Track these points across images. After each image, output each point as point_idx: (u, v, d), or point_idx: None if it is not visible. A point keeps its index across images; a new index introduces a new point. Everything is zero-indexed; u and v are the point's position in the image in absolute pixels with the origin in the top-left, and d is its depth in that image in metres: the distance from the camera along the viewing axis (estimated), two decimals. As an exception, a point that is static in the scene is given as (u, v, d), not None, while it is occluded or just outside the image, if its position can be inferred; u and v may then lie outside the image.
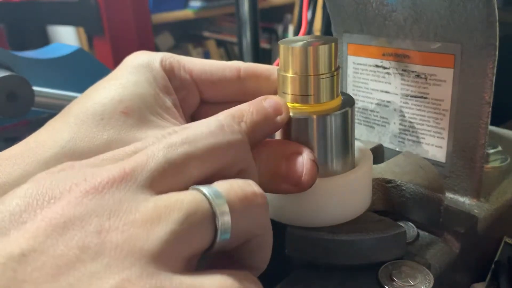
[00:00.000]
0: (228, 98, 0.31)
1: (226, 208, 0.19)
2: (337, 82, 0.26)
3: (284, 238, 0.27)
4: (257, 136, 0.24)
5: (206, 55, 2.39)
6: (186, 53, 1.57)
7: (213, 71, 0.31)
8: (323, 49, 0.25)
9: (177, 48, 2.38)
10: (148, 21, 1.23)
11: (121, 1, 1.12)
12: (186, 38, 2.48)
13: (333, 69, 0.26)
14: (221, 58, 2.38)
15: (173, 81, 0.31)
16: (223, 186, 0.20)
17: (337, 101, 0.27)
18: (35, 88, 0.54)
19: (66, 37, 1.98)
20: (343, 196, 0.27)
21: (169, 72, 0.30)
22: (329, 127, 0.26)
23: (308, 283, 0.27)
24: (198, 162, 0.20)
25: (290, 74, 0.26)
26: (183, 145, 0.20)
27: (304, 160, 0.25)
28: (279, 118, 0.25)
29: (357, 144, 0.29)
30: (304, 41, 0.26)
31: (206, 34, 2.49)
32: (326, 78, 0.26)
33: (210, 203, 0.19)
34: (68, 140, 0.26)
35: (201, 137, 0.21)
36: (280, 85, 0.27)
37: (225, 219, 0.19)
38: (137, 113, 0.27)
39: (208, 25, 2.48)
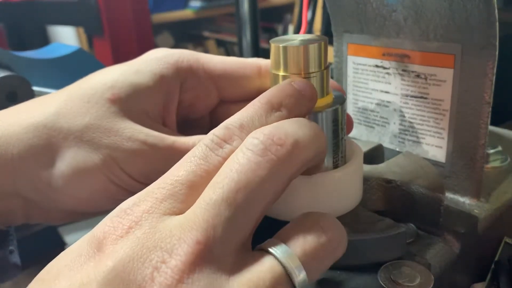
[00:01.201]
0: (248, 96, 0.31)
1: (301, 269, 0.19)
2: (327, 80, 0.27)
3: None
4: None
5: (206, 55, 2.39)
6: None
7: (233, 70, 0.31)
8: (313, 48, 0.26)
9: (177, 48, 2.38)
10: (148, 21, 1.22)
11: (121, 1, 1.12)
12: (186, 38, 2.48)
13: (323, 67, 0.26)
14: (221, 58, 2.38)
15: (190, 79, 0.30)
16: (296, 244, 0.19)
17: (328, 99, 0.27)
18: (35, 88, 0.54)
19: (66, 37, 1.98)
20: (335, 192, 0.27)
21: (186, 71, 0.30)
22: (321, 124, 0.26)
23: (308, 283, 0.27)
24: (259, 207, 0.20)
25: (281, 73, 0.26)
26: (242, 193, 0.19)
27: None
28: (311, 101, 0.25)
29: (348, 140, 0.30)
30: (295, 40, 0.26)
31: (206, 34, 2.49)
32: (316, 76, 0.26)
33: (285, 269, 0.19)
34: (53, 113, 0.27)
35: (254, 179, 0.19)
36: (271, 83, 0.27)
37: (301, 278, 0.19)
38: (124, 102, 0.27)
39: (208, 25, 2.48)
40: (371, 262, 0.27)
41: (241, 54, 0.97)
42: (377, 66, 0.37)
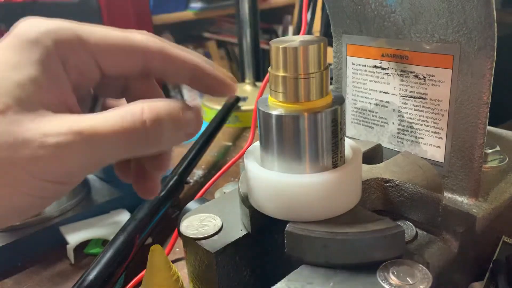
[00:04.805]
0: (131, 71, 0.29)
1: None
2: (327, 80, 0.27)
3: (284, 237, 0.28)
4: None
5: (207, 56, 2.38)
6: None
7: (117, 45, 0.28)
8: (313, 49, 0.26)
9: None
10: (149, 22, 1.23)
11: (122, 2, 1.12)
12: (186, 39, 2.48)
13: (322, 68, 0.27)
14: (222, 58, 2.38)
15: (72, 58, 0.27)
16: None
17: (327, 99, 0.28)
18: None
19: (67, 38, 1.98)
20: (334, 191, 0.28)
21: (66, 50, 0.27)
22: (320, 124, 0.27)
23: (308, 282, 0.27)
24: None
25: (281, 74, 0.27)
26: None
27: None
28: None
29: (347, 141, 0.30)
30: (294, 41, 0.26)
31: (207, 35, 2.49)
32: (315, 77, 0.26)
33: None
34: None
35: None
36: (271, 84, 0.28)
37: None
38: (15, 106, 0.24)
39: (208, 26, 2.48)
40: (370, 261, 0.27)
41: (241, 55, 0.98)
42: (376, 66, 0.37)
